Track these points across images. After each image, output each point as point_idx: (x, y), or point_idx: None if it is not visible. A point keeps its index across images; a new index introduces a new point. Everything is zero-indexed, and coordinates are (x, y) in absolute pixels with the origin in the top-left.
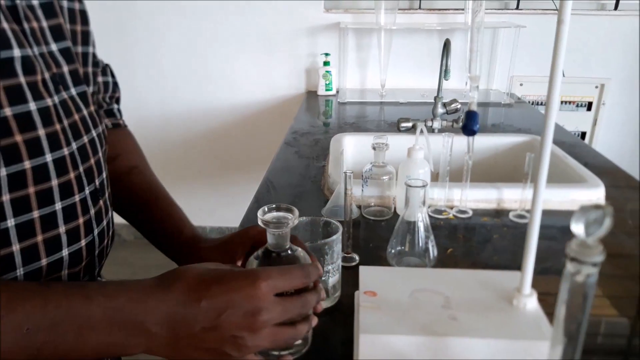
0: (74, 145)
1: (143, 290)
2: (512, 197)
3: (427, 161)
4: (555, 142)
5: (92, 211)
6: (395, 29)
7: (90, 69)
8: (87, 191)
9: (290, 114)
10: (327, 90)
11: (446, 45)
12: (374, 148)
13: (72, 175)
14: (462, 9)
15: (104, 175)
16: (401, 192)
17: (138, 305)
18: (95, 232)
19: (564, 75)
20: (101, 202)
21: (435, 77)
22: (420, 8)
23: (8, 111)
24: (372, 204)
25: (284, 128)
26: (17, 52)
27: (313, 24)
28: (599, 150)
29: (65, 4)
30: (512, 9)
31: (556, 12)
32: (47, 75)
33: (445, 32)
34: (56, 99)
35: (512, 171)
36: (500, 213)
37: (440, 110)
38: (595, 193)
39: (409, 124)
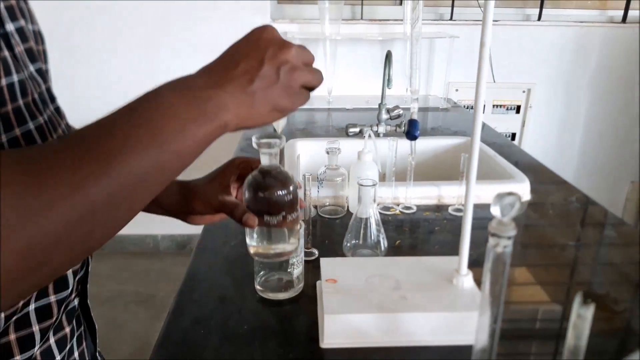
0: None
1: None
2: (450, 193)
3: (375, 163)
4: (487, 143)
5: None
6: (339, 39)
7: (50, 84)
8: None
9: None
10: None
11: (388, 57)
12: (327, 152)
13: None
14: (401, 20)
15: None
16: (353, 192)
17: (205, 92)
18: None
19: (494, 81)
20: None
21: (378, 84)
22: (362, 18)
23: (17, 132)
24: (327, 203)
25: (237, 134)
26: (15, 77)
27: None
28: (527, 149)
29: (30, 27)
30: (447, 20)
31: None
32: (36, 95)
33: (387, 41)
34: (45, 116)
35: (450, 170)
36: (440, 208)
37: (384, 116)
38: (522, 187)
39: (357, 129)
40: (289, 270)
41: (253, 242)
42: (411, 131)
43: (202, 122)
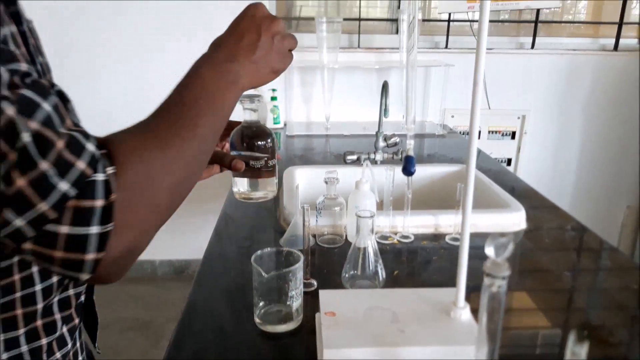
0: None
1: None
2: (447, 222)
3: (373, 192)
4: (483, 170)
5: None
6: (337, 67)
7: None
8: None
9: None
10: (275, 123)
11: (384, 87)
12: (326, 182)
13: None
14: (397, 48)
15: None
16: (351, 221)
17: (220, 66)
18: None
19: (489, 108)
20: None
21: (375, 110)
22: (359, 47)
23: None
24: (326, 232)
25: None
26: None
27: None
28: (523, 175)
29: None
30: (442, 48)
31: None
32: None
33: (383, 69)
34: None
35: (447, 197)
36: (437, 237)
37: (381, 144)
38: (517, 216)
39: (354, 157)
40: (288, 302)
41: (240, 188)
42: (407, 167)
43: (230, 89)
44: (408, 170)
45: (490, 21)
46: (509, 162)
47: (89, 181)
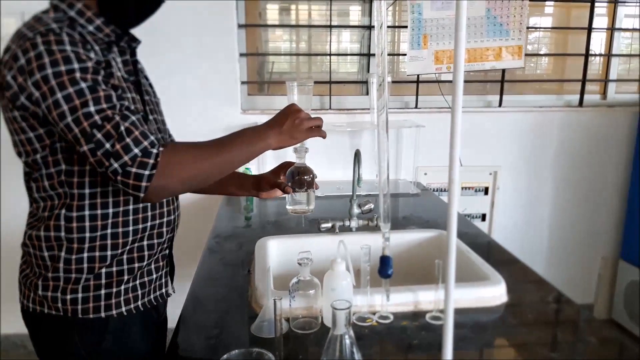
0: None
1: (259, 128)
2: (427, 298)
3: (348, 271)
4: (460, 234)
5: None
6: None
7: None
8: None
9: (213, 208)
10: None
11: (357, 156)
12: (299, 264)
13: None
14: (368, 109)
15: None
16: (327, 304)
17: (260, 131)
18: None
19: (461, 164)
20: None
21: (348, 170)
22: (330, 108)
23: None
24: (300, 316)
25: (209, 221)
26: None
27: (230, 124)
28: (497, 229)
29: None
30: (412, 108)
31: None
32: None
33: (356, 130)
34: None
35: (425, 265)
36: (417, 315)
37: (355, 210)
38: (498, 290)
39: (329, 224)
40: None
41: (290, 206)
42: (383, 270)
43: (259, 141)
44: (385, 274)
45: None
46: (483, 217)
47: (149, 151)
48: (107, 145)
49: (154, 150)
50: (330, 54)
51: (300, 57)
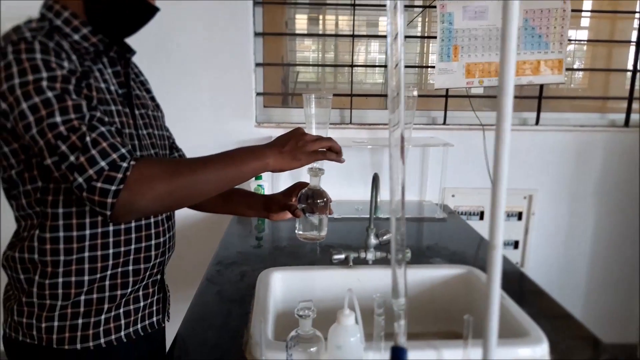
0: None
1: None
2: (452, 357)
3: (357, 325)
4: None
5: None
6: None
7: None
8: None
9: (223, 225)
10: None
11: (375, 180)
12: (299, 315)
13: None
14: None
15: None
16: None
17: (256, 150)
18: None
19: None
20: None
21: (368, 189)
22: (351, 123)
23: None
24: None
25: (219, 239)
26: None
27: (245, 138)
28: (531, 260)
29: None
30: (440, 124)
31: (480, 126)
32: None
33: (376, 148)
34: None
35: (449, 308)
36: None
37: (373, 241)
38: (539, 350)
39: (342, 256)
40: None
41: (300, 231)
42: None
43: (253, 161)
44: None
45: (490, 97)
46: (515, 244)
47: (117, 164)
48: (72, 158)
49: (124, 164)
50: (352, 65)
51: (326, 68)
